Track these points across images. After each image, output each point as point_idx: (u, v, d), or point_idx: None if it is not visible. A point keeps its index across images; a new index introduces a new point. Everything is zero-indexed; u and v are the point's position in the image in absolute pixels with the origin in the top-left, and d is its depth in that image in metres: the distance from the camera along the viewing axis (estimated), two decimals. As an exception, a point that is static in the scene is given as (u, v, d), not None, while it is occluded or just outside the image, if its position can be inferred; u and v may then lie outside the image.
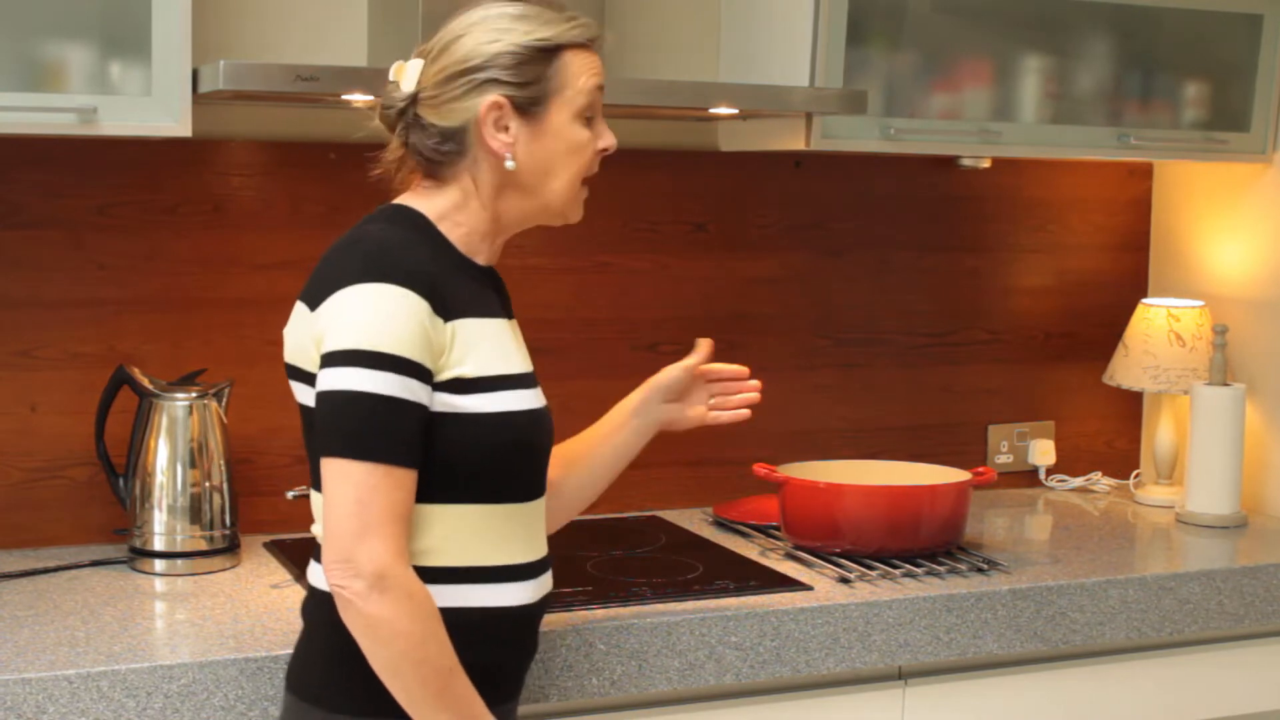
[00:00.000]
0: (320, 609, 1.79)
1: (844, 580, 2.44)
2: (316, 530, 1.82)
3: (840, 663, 2.32)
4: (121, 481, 2.48)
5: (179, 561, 2.42)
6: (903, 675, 2.41)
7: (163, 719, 1.96)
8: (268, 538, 2.61)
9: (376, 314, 1.71)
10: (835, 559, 2.54)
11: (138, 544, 2.44)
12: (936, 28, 2.77)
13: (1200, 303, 3.11)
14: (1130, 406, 3.34)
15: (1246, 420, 2.97)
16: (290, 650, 1.89)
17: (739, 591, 2.35)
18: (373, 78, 2.14)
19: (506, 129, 1.82)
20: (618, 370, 2.90)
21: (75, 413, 2.53)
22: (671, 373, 2.18)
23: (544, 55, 1.82)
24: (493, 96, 1.81)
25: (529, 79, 1.81)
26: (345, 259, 1.77)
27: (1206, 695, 2.62)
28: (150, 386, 2.45)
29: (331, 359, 1.72)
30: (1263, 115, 3.03)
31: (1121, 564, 2.62)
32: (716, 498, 2.92)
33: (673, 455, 2.94)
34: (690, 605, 2.28)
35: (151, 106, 2.24)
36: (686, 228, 2.94)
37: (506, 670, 1.88)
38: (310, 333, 1.77)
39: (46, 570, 2.40)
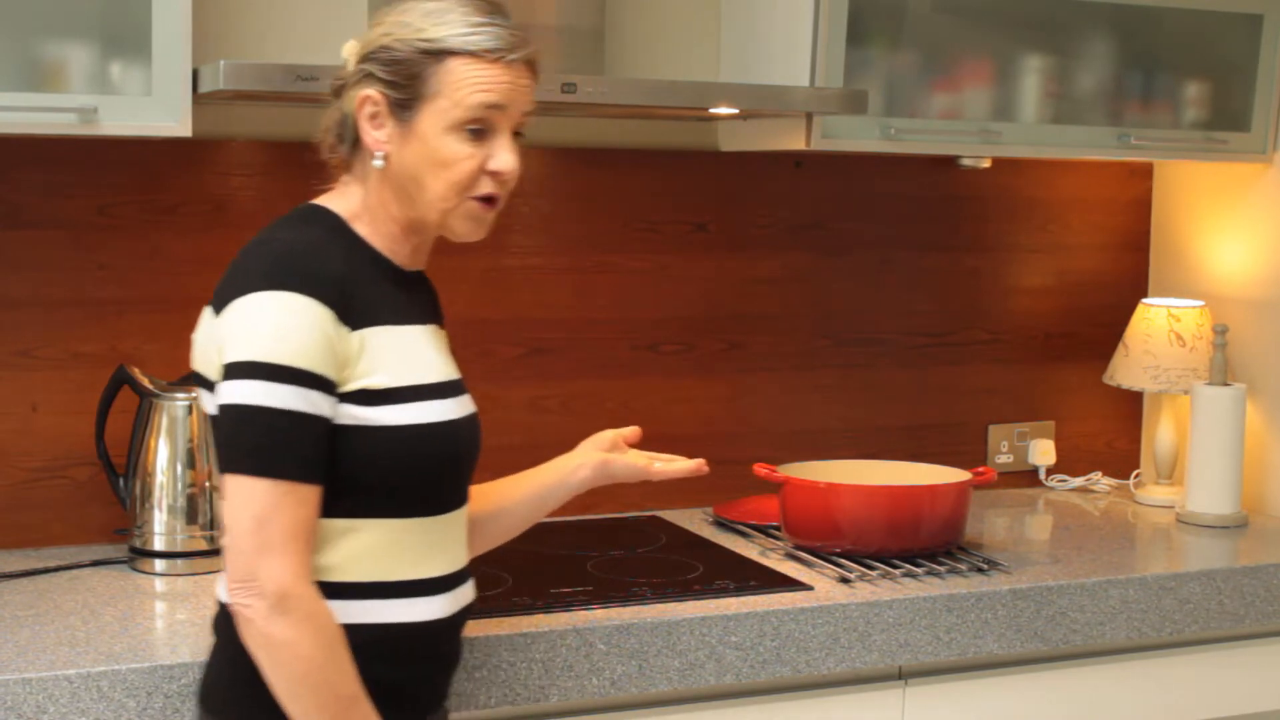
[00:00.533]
0: (228, 624, 1.72)
1: (844, 580, 2.44)
2: (225, 543, 1.73)
3: (840, 663, 2.32)
4: (122, 481, 2.48)
5: (179, 561, 2.42)
6: (903, 675, 2.41)
7: (163, 719, 1.96)
8: (268, 538, 2.61)
9: (276, 324, 1.65)
10: (835, 559, 2.54)
11: (138, 544, 2.44)
12: (937, 28, 2.77)
13: (1200, 303, 3.11)
14: (1130, 406, 3.34)
15: (1246, 420, 2.97)
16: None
17: (739, 591, 2.35)
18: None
19: (383, 127, 1.76)
20: (618, 370, 2.90)
21: (76, 413, 2.53)
22: (606, 432, 2.10)
23: (426, 57, 1.73)
24: (367, 90, 1.75)
25: (401, 79, 1.73)
26: (249, 264, 1.71)
27: (1206, 695, 2.62)
28: (150, 386, 2.45)
29: (230, 371, 1.66)
30: (1263, 115, 3.03)
31: (1122, 564, 2.62)
32: (716, 498, 2.92)
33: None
34: (690, 605, 2.28)
35: (152, 106, 2.24)
36: (686, 228, 2.94)
37: (425, 684, 1.83)
38: (213, 340, 1.71)
39: (47, 570, 2.40)
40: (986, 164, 3.07)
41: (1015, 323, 3.23)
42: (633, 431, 2.11)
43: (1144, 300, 3.17)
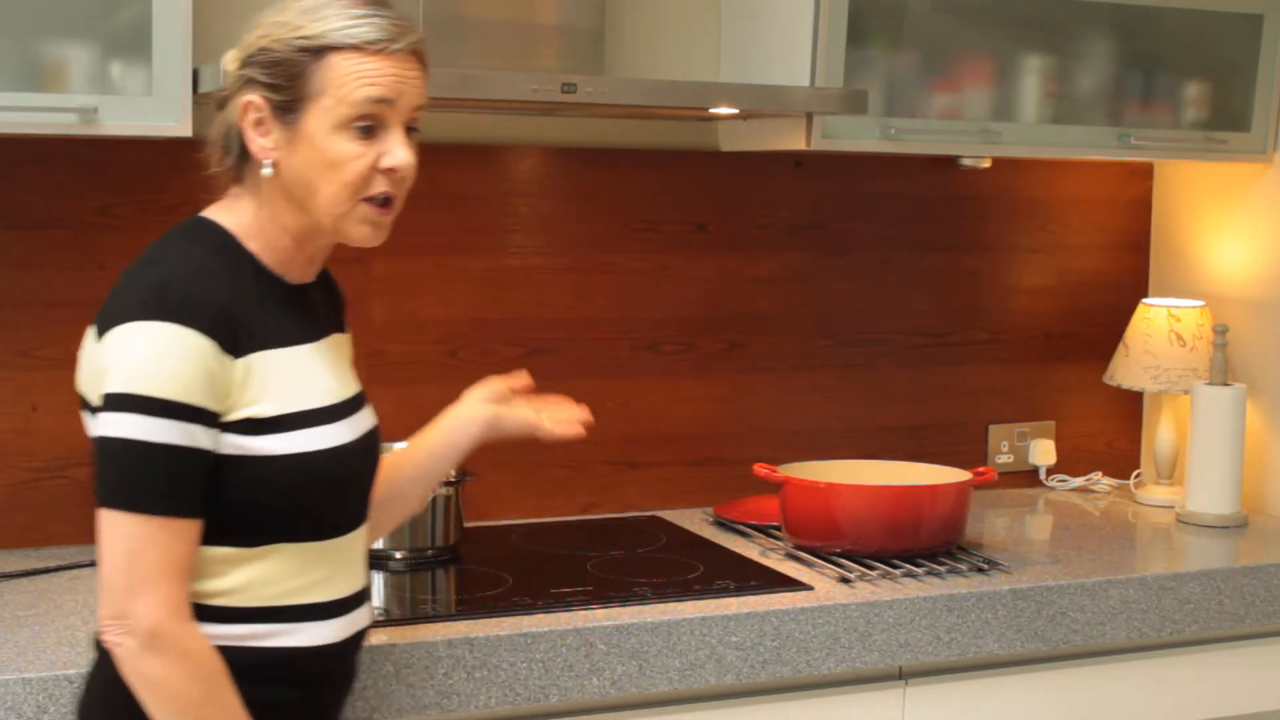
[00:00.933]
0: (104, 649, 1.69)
1: (844, 580, 2.44)
2: (99, 577, 1.70)
3: (840, 663, 2.32)
4: (122, 481, 2.47)
5: (179, 561, 2.41)
6: (903, 675, 2.41)
7: (163, 719, 1.96)
8: (268, 538, 2.61)
9: (153, 356, 1.60)
10: (835, 559, 2.54)
11: (138, 544, 2.43)
12: (937, 28, 2.77)
13: (1200, 303, 3.11)
14: (1130, 406, 3.34)
15: (1246, 420, 2.97)
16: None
17: (739, 591, 2.35)
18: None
19: (269, 133, 1.70)
20: (618, 370, 2.90)
21: (76, 413, 2.50)
22: (491, 380, 2.03)
23: (306, 55, 1.66)
24: (248, 96, 1.69)
25: (282, 80, 1.67)
26: (131, 288, 1.66)
27: (1206, 695, 2.62)
28: (150, 386, 2.44)
29: (106, 403, 1.62)
30: (1263, 115, 3.03)
31: (1122, 564, 2.62)
32: (716, 498, 2.92)
33: (673, 455, 2.94)
34: (690, 605, 2.28)
35: (152, 106, 2.24)
36: (686, 228, 2.94)
37: (316, 707, 1.80)
38: (95, 366, 1.67)
39: (47, 570, 2.39)
40: (986, 164, 3.07)
41: (1015, 323, 3.23)
42: (521, 381, 2.03)
43: (1144, 300, 3.17)
